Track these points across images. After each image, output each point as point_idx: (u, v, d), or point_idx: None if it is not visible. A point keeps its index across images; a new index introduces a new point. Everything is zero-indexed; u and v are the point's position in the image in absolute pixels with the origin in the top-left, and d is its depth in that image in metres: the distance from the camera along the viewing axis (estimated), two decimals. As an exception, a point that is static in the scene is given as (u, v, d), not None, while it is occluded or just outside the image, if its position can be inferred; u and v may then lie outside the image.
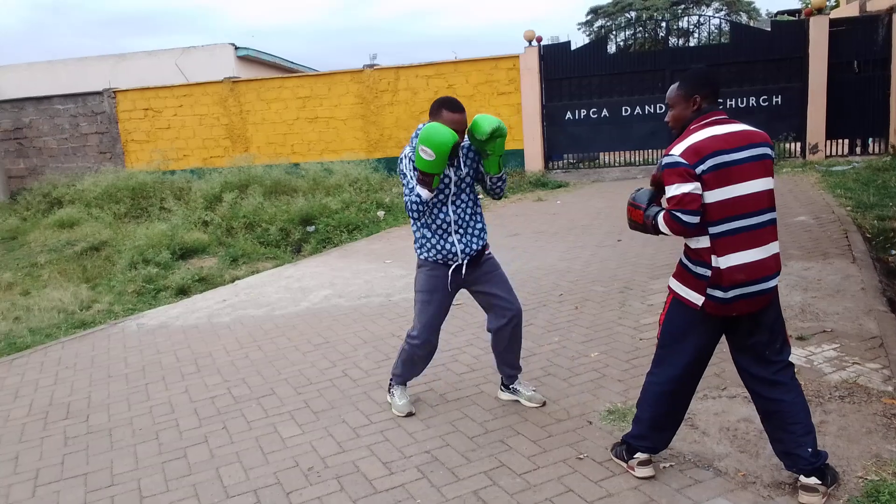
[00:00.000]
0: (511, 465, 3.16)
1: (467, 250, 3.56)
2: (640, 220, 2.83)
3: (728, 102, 11.83)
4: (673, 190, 2.62)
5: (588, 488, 2.92)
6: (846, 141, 11.87)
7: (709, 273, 2.64)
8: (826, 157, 11.60)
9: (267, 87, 14.12)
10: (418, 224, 3.58)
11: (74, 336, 6.18)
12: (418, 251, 3.64)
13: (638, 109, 12.29)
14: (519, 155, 12.92)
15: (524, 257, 7.24)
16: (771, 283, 2.69)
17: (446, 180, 3.49)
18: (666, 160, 2.66)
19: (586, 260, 6.87)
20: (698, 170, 2.58)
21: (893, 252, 6.59)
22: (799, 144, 11.79)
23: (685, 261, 2.76)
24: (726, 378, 3.83)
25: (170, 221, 10.57)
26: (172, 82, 15.05)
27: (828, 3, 12.70)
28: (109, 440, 3.90)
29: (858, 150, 11.89)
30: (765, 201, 2.71)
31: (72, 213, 11.86)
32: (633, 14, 31.36)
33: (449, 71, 13.12)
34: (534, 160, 12.90)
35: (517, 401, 3.83)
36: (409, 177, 3.44)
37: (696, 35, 15.27)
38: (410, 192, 3.42)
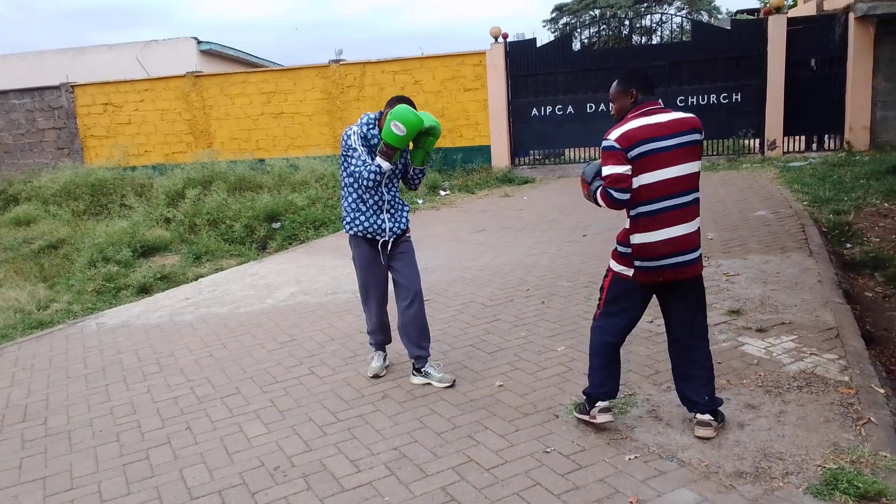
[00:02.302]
0: (479, 460, 3.17)
1: (395, 228, 4.01)
2: (585, 191, 3.25)
3: (689, 99, 12.04)
4: (608, 170, 3.05)
5: (555, 481, 2.95)
6: (803, 137, 12.17)
7: (629, 250, 3.12)
8: (784, 153, 11.88)
9: (231, 81, 13.92)
10: (354, 197, 3.95)
11: (31, 336, 6.01)
12: (348, 227, 4.04)
13: (602, 106, 12.41)
14: (486, 151, 12.95)
15: (491, 253, 7.27)
16: (694, 255, 3.13)
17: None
18: (603, 143, 3.08)
19: (552, 255, 6.92)
20: (630, 154, 3.00)
21: (849, 245, 6.78)
22: (758, 141, 12.05)
23: (616, 246, 3.25)
24: (689, 370, 3.89)
25: (130, 219, 10.34)
26: (133, 77, 14.73)
27: (786, 3, 12.98)
28: (69, 442, 3.81)
29: (815, 146, 12.20)
30: (690, 183, 3.09)
31: (28, 210, 11.53)
32: (596, 12, 31.65)
33: (415, 67, 13.08)
34: (500, 156, 12.94)
35: (429, 383, 4.06)
36: (359, 151, 3.84)
37: (658, 33, 15.45)
38: (364, 164, 3.81)
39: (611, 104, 3.29)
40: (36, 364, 5.21)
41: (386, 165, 3.78)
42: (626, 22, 15.11)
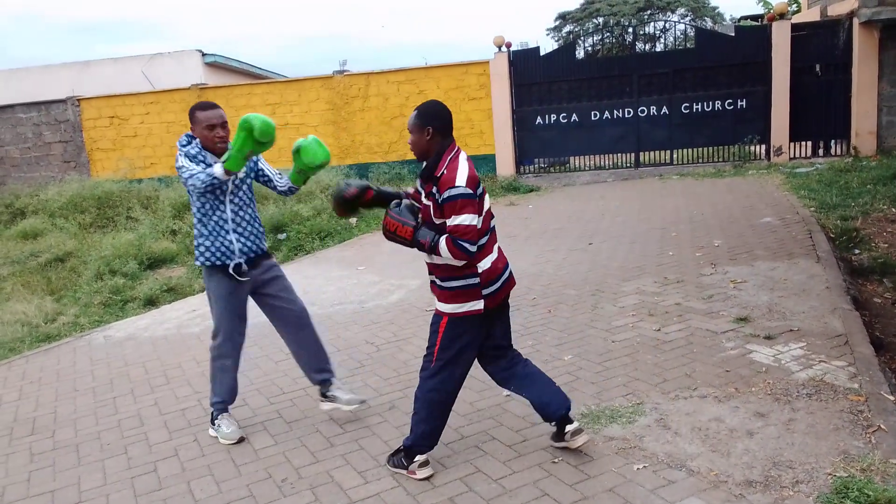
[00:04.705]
0: (486, 471, 3.16)
1: (245, 249, 3.64)
2: (409, 237, 3.00)
3: (694, 106, 12.04)
4: (461, 220, 2.87)
5: (563, 492, 2.93)
6: (809, 143, 12.12)
7: (478, 280, 2.99)
8: (790, 159, 11.85)
9: (235, 93, 13.99)
10: (196, 220, 3.62)
11: (39, 350, 6.04)
12: (197, 258, 3.66)
13: (606, 114, 12.42)
14: (490, 160, 12.97)
15: (497, 262, 7.25)
16: (510, 267, 3.20)
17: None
18: (455, 191, 2.87)
19: (558, 263, 6.91)
20: (478, 196, 2.96)
21: (857, 251, 6.75)
22: (763, 147, 12.02)
23: (445, 283, 3.02)
24: (697, 378, 3.88)
25: (137, 231, 10.38)
26: (139, 90, 14.82)
27: (790, 9, 12.97)
28: (77, 456, 3.82)
29: (821, 151, 12.15)
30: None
31: (35, 223, 11.58)
32: (600, 20, 31.74)
33: (420, 77, 13.14)
34: (505, 165, 12.95)
35: (338, 408, 3.81)
36: (186, 166, 3.50)
37: (662, 40, 15.50)
38: (190, 175, 3.45)
39: (411, 139, 3.11)
40: (44, 377, 5.23)
41: (219, 172, 3.40)
42: (630, 29, 15.14)
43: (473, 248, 2.91)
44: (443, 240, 2.91)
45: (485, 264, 3.01)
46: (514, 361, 3.27)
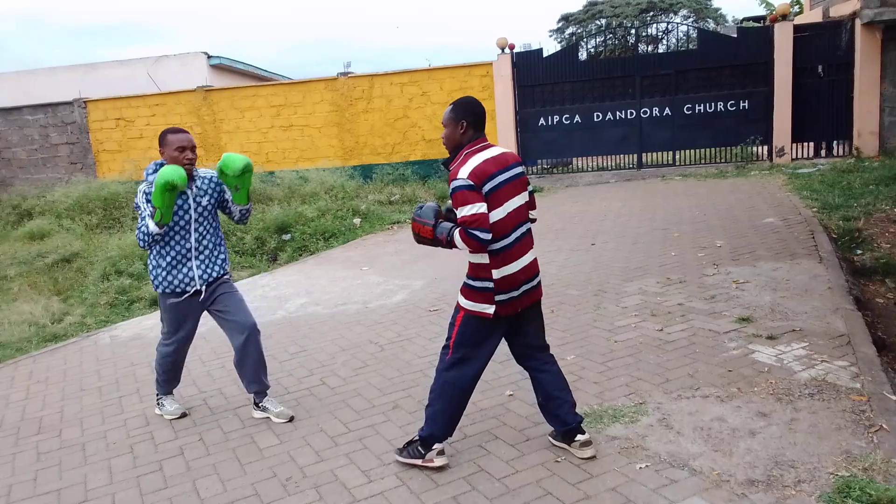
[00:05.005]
0: (490, 470, 3.18)
1: (205, 276, 3.83)
2: (430, 236, 3.08)
3: (696, 107, 12.05)
4: (466, 210, 2.92)
5: (566, 491, 2.95)
6: (812, 144, 12.14)
7: (491, 285, 3.04)
8: (792, 159, 11.85)
9: (241, 95, 14.05)
10: (153, 253, 3.78)
11: (46, 349, 6.08)
12: (156, 285, 3.83)
13: (609, 115, 12.45)
14: (493, 161, 12.98)
15: (500, 263, 7.27)
16: (538, 278, 3.24)
17: (185, 206, 3.72)
18: (457, 183, 2.96)
19: (561, 264, 6.93)
20: (484, 190, 2.95)
21: (859, 252, 6.75)
22: (766, 148, 12.03)
23: (469, 281, 3.12)
24: (699, 378, 3.89)
25: (142, 232, 10.42)
26: (145, 91, 14.89)
27: (792, 10, 12.98)
28: (83, 454, 3.85)
29: (823, 152, 12.16)
30: (526, 213, 3.20)
31: (42, 224, 11.65)
32: (603, 21, 31.75)
33: (423, 78, 13.18)
34: (508, 166, 12.97)
35: (269, 417, 4.00)
36: (141, 209, 3.63)
37: (664, 42, 15.51)
38: (140, 223, 3.62)
39: (444, 136, 3.17)
40: (50, 377, 5.27)
41: (153, 227, 3.56)
42: (633, 31, 15.15)
43: (486, 236, 2.92)
44: (456, 232, 2.98)
45: (503, 272, 3.03)
46: (545, 367, 3.28)
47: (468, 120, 3.09)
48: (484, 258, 3.05)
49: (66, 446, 3.98)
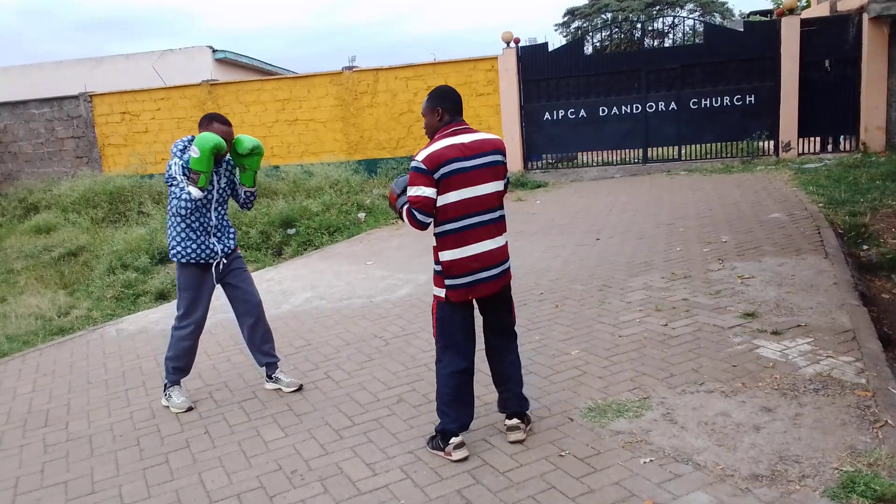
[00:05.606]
0: (494, 464, 3.19)
1: (225, 249, 4.18)
2: (393, 204, 3.27)
3: (702, 102, 12.00)
4: (413, 191, 3.08)
5: (570, 485, 2.96)
6: (818, 139, 12.06)
7: (440, 268, 3.16)
8: (798, 154, 11.80)
9: (245, 89, 14.04)
10: (183, 226, 4.02)
11: (52, 343, 6.11)
12: (179, 256, 4.06)
13: (614, 110, 12.40)
14: (498, 155, 12.96)
15: (505, 257, 7.27)
16: (503, 267, 3.24)
17: (211, 187, 4.03)
18: (412, 164, 3.10)
19: (566, 259, 6.93)
20: (436, 175, 3.04)
21: (865, 247, 6.73)
22: (772, 142, 11.97)
23: (434, 265, 3.23)
24: (704, 373, 3.89)
25: (148, 226, 10.47)
26: (150, 85, 14.91)
27: (799, 4, 12.91)
28: (90, 447, 3.88)
29: (830, 147, 12.10)
30: (494, 201, 3.19)
31: (48, 218, 11.71)
32: (608, 15, 31.63)
33: (428, 73, 13.15)
34: (513, 161, 12.92)
35: (280, 388, 4.33)
36: (178, 180, 3.89)
37: (670, 36, 15.44)
38: (181, 192, 3.86)
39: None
40: (57, 370, 5.30)
41: (196, 192, 3.86)
42: (639, 25, 15.08)
43: (424, 218, 3.08)
44: (404, 209, 3.14)
45: (449, 255, 3.12)
46: (503, 357, 3.41)
47: (443, 106, 3.17)
48: (434, 241, 3.17)
49: (73, 439, 4.01)
